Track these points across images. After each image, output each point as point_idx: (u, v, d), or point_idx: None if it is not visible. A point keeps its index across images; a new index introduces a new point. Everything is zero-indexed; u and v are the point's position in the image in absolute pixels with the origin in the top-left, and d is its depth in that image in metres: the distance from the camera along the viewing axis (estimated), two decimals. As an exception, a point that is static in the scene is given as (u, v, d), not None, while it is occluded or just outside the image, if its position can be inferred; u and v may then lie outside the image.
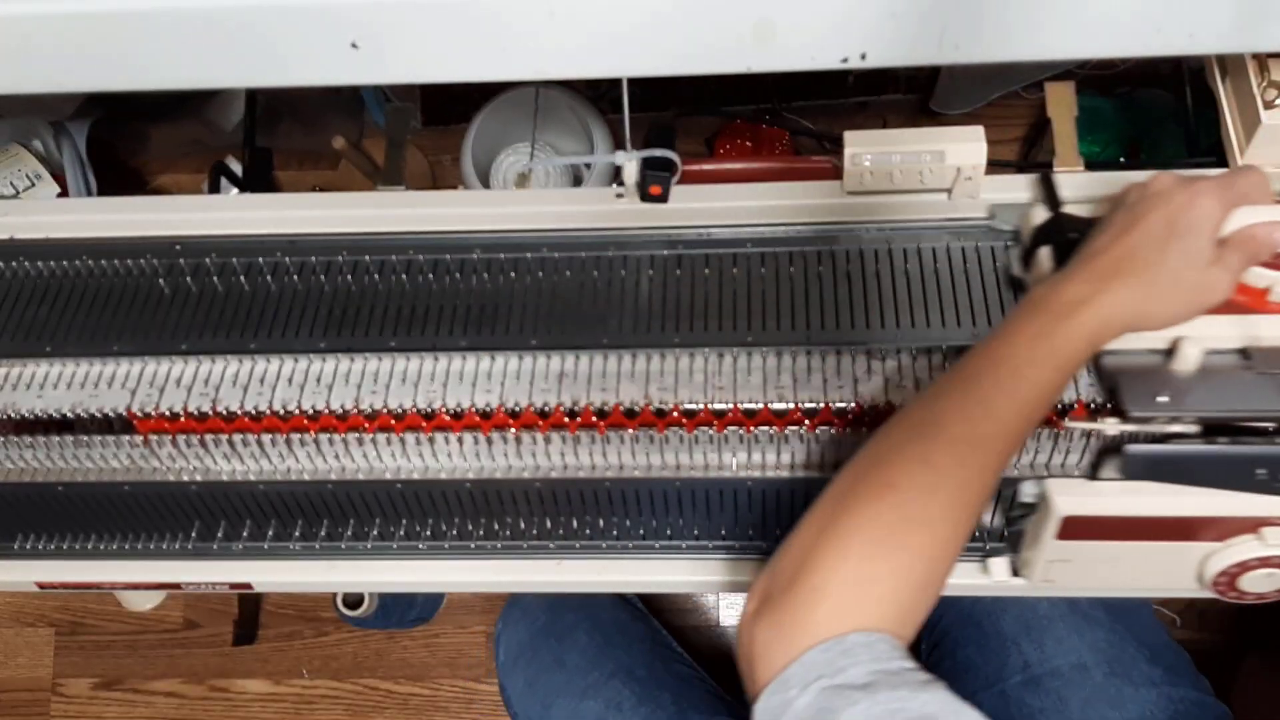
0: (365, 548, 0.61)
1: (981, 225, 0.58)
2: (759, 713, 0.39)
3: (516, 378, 0.56)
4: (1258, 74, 0.56)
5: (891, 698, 0.36)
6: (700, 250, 0.59)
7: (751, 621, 0.42)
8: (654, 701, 0.70)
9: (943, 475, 0.42)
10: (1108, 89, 1.04)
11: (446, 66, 0.49)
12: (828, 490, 0.44)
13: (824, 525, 0.42)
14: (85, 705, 1.20)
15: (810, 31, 0.47)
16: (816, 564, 0.41)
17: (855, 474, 0.44)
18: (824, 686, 0.37)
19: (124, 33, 0.48)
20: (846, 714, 0.36)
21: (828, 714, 0.37)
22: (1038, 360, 0.44)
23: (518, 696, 0.74)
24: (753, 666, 0.41)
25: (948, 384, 0.46)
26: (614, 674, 0.72)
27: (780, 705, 0.38)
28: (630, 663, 0.73)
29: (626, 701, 0.70)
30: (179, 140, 1.20)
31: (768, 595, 0.42)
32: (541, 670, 0.73)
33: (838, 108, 1.10)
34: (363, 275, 0.60)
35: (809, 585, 0.41)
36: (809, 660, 0.39)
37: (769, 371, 0.55)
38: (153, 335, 0.59)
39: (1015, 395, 0.44)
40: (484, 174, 1.04)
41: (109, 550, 0.63)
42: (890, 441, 0.45)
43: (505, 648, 0.76)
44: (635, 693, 0.71)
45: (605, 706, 0.70)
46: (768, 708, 0.39)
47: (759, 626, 0.41)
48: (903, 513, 0.42)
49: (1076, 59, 0.71)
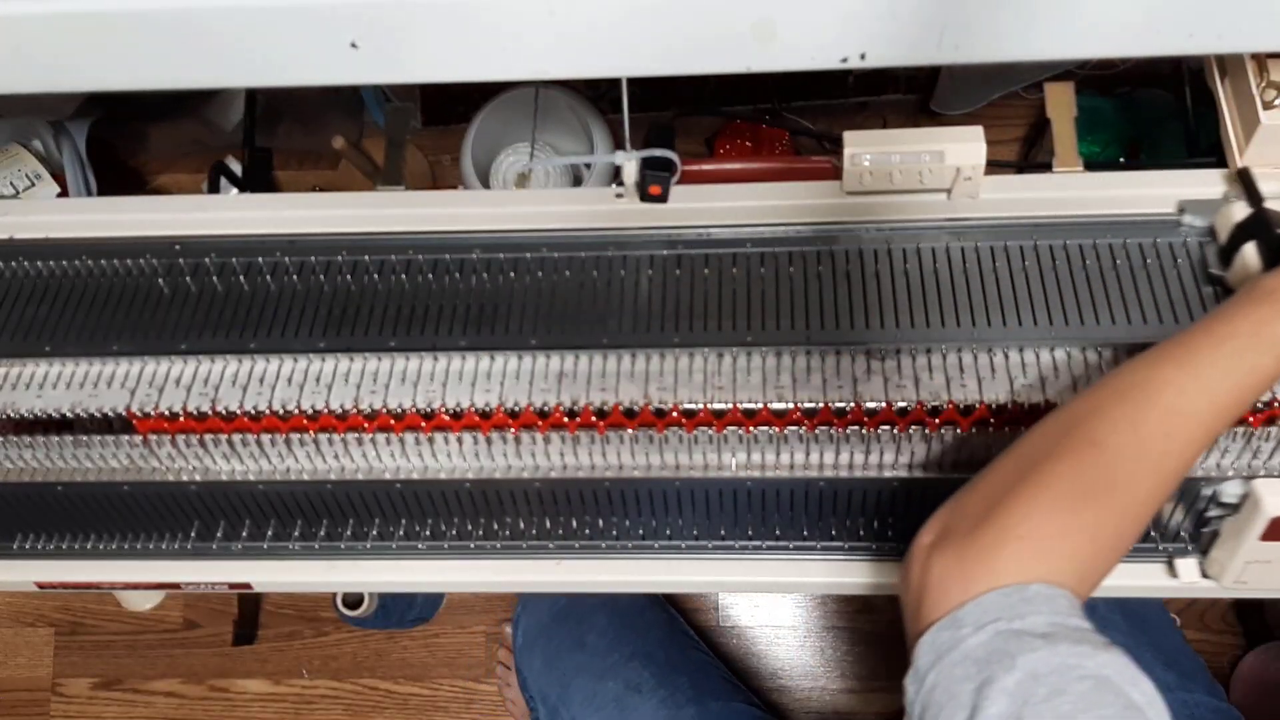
0: (365, 548, 0.61)
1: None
2: (924, 646, 0.39)
3: (516, 378, 0.56)
4: (1256, 74, 0.56)
5: (1071, 652, 0.36)
6: (700, 250, 0.59)
7: (927, 553, 0.41)
8: (672, 685, 0.71)
9: (1149, 443, 0.42)
10: (1107, 89, 1.04)
11: (446, 66, 0.49)
12: (1027, 437, 0.44)
13: (1022, 470, 0.42)
14: (85, 705, 1.20)
15: (810, 31, 0.47)
16: (1009, 506, 0.40)
17: (1060, 426, 0.43)
18: (1001, 630, 0.37)
19: (123, 32, 0.48)
20: (1024, 659, 0.36)
21: (1003, 656, 0.36)
22: (1261, 346, 0.44)
23: (534, 676, 0.74)
24: (921, 599, 0.40)
25: (1161, 354, 0.45)
26: (633, 656, 0.72)
27: (950, 641, 0.38)
28: (649, 647, 0.73)
29: (645, 684, 0.71)
30: (179, 140, 1.20)
31: (949, 530, 0.41)
32: (560, 650, 0.74)
33: (838, 108, 1.10)
34: (362, 275, 0.60)
35: (998, 526, 0.40)
36: (987, 602, 0.38)
37: (768, 371, 0.55)
38: (152, 335, 0.59)
39: (1232, 375, 0.43)
40: (484, 174, 1.04)
41: (108, 550, 0.63)
42: (1097, 400, 0.44)
43: (524, 630, 0.77)
44: (654, 675, 0.71)
45: (624, 687, 0.70)
46: (934, 642, 0.38)
47: (936, 559, 0.41)
48: (1104, 473, 0.41)
49: (1076, 59, 0.71)
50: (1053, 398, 0.53)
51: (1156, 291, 0.55)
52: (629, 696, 0.70)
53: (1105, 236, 0.57)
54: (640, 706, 0.72)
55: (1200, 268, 0.56)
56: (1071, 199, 0.59)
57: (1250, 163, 0.58)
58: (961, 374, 0.54)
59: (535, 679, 0.75)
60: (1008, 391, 0.53)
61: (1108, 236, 0.57)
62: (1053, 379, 0.54)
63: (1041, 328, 0.55)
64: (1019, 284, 0.56)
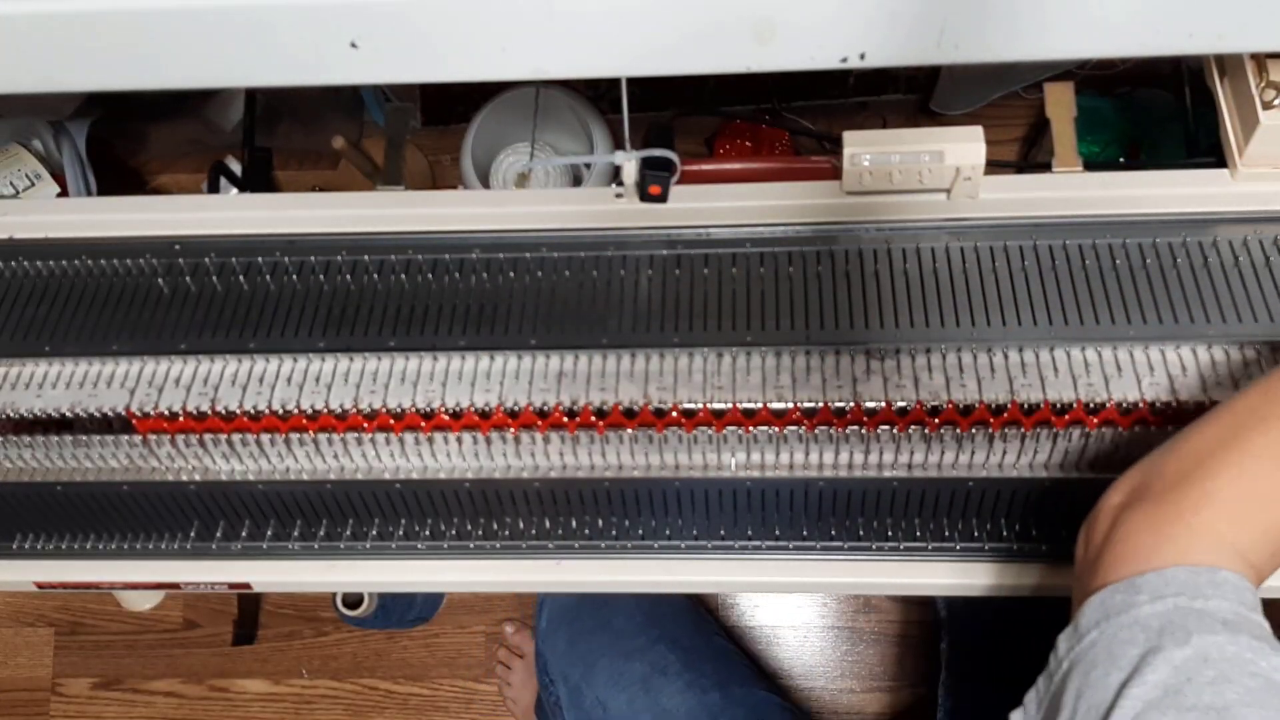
0: (364, 547, 0.61)
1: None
2: (1092, 604, 0.38)
3: (515, 377, 0.56)
4: (1256, 74, 0.56)
5: (1250, 645, 0.35)
6: (699, 250, 0.59)
7: (1115, 512, 0.40)
8: (697, 670, 0.71)
9: None
10: (1107, 89, 1.04)
11: (446, 66, 0.49)
12: (1235, 401, 0.42)
13: (1228, 435, 0.40)
14: (85, 705, 1.20)
15: (810, 31, 0.47)
16: (1212, 470, 0.39)
17: (1272, 393, 0.42)
18: (1181, 605, 0.36)
19: (123, 32, 0.48)
20: (1200, 639, 0.35)
21: (1179, 629, 0.35)
22: None
23: (557, 657, 0.75)
24: (1100, 557, 0.39)
25: None
26: (660, 639, 0.72)
27: (1123, 605, 0.37)
28: (676, 631, 0.74)
29: (671, 667, 0.71)
30: (178, 140, 1.20)
31: (1144, 489, 0.40)
32: (585, 631, 0.74)
33: (837, 108, 1.10)
34: (362, 275, 0.60)
35: (1200, 489, 0.39)
36: (1172, 575, 0.37)
37: (768, 371, 0.55)
38: (152, 335, 0.59)
39: None
40: (483, 174, 1.04)
41: (108, 550, 0.63)
42: None
43: (549, 612, 0.77)
44: (679, 659, 0.71)
45: (650, 669, 0.71)
46: (1105, 602, 0.37)
47: (1127, 518, 0.39)
48: None
49: (1076, 59, 0.70)
50: (1052, 398, 0.53)
51: (1156, 292, 0.55)
52: (655, 678, 0.70)
53: (1105, 237, 0.57)
54: (666, 688, 0.72)
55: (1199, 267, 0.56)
56: (1071, 199, 0.59)
57: (1250, 163, 0.58)
58: (961, 374, 0.54)
59: (558, 659, 0.74)
60: (1007, 391, 0.53)
61: (1107, 237, 0.57)
62: (1052, 379, 0.54)
63: (1041, 327, 0.55)
64: (1018, 284, 0.56)
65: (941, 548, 0.57)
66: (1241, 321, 0.54)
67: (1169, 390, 0.53)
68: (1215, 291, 0.55)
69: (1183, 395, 0.52)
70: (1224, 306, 0.54)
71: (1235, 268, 0.56)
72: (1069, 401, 0.52)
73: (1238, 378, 0.53)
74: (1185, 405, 0.52)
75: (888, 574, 0.58)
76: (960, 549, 0.57)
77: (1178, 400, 0.52)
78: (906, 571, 0.58)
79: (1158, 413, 0.53)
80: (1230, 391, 0.52)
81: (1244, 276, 0.55)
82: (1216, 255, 0.56)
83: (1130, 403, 0.53)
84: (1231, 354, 0.54)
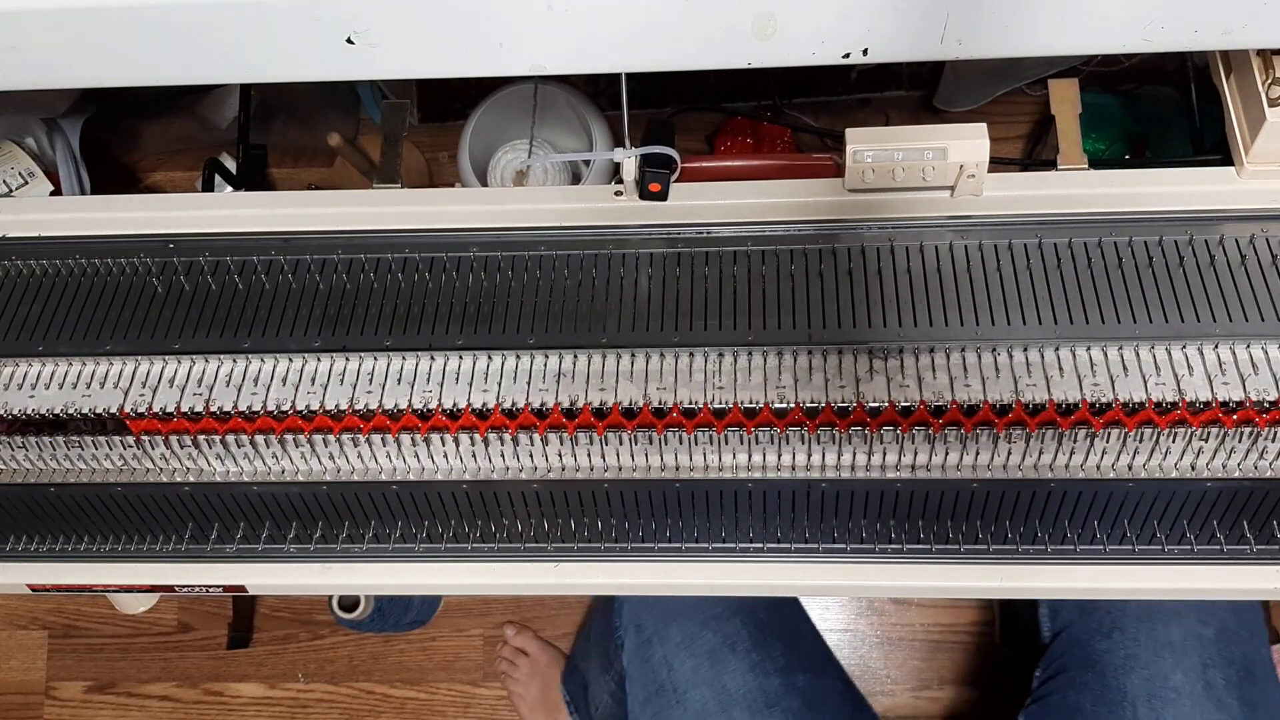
0: (360, 550, 0.61)
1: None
2: None
3: (514, 377, 0.56)
4: (1262, 70, 0.56)
5: None
6: (700, 249, 0.59)
7: None
8: (765, 650, 0.70)
9: None
10: (1112, 86, 1.04)
11: (443, 61, 0.49)
12: None
13: None
14: (78, 709, 1.20)
15: (811, 26, 0.46)
16: None
17: None
18: None
19: (117, 28, 0.47)
20: None
21: None
22: None
23: (635, 603, 0.74)
24: None
25: None
26: (737, 611, 0.72)
27: None
28: (753, 603, 0.73)
29: (741, 643, 0.70)
30: (172, 137, 1.19)
31: None
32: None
33: (839, 104, 1.10)
34: (358, 274, 0.60)
35: None
36: None
37: (769, 371, 0.55)
38: (146, 334, 0.59)
39: None
40: (481, 171, 1.04)
41: (101, 552, 0.63)
42: None
43: None
44: (752, 636, 0.71)
45: (722, 642, 0.70)
46: None
47: None
48: None
49: (1080, 55, 0.70)
50: (1057, 398, 0.52)
51: (1162, 290, 0.55)
52: (723, 652, 0.70)
53: (1110, 235, 0.57)
54: (732, 665, 0.71)
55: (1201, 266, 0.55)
56: (1076, 197, 0.59)
57: (1256, 160, 0.57)
58: (965, 373, 0.54)
59: (635, 605, 0.74)
60: (1012, 391, 0.53)
61: (1112, 235, 0.57)
62: (1058, 378, 0.53)
63: (1046, 326, 0.54)
64: (1023, 283, 0.56)
65: (945, 550, 0.56)
66: (1248, 320, 0.53)
67: (1175, 390, 0.52)
68: (1221, 290, 0.55)
69: (1189, 395, 0.52)
70: (1230, 305, 0.54)
71: (1242, 266, 0.55)
72: (1074, 402, 0.51)
73: (1245, 377, 0.52)
74: (1191, 405, 0.52)
75: (890, 577, 0.57)
76: (964, 551, 0.56)
77: (1184, 400, 0.52)
78: (909, 574, 0.57)
79: (1164, 412, 0.52)
80: (1238, 391, 0.52)
81: (1250, 275, 0.55)
82: (1223, 253, 0.56)
83: (1136, 403, 0.52)
84: (1238, 353, 0.53)
